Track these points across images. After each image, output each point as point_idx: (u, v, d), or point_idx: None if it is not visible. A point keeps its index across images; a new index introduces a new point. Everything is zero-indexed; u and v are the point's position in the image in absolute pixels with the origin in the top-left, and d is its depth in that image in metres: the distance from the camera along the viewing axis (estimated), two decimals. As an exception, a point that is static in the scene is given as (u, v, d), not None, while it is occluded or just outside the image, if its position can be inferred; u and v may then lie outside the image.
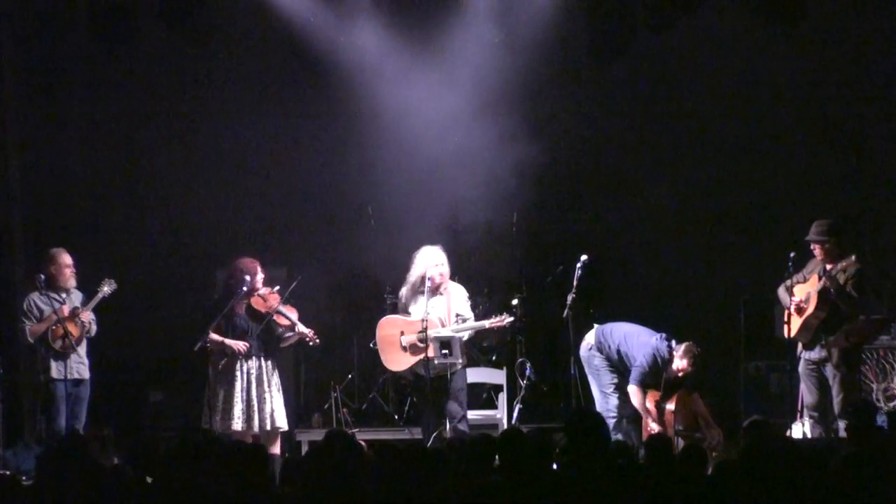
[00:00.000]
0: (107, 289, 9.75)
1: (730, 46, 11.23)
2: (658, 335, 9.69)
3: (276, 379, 9.72)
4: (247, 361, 9.61)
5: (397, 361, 9.84)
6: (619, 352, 9.75)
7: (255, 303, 9.68)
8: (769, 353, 11.13)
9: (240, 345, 9.57)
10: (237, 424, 9.51)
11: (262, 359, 9.66)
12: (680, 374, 9.70)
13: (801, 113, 11.49)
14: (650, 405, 9.60)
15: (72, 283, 9.83)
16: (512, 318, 9.88)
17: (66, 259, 9.82)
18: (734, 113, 11.62)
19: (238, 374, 9.58)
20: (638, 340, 9.73)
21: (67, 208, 11.55)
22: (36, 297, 9.75)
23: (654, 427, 9.51)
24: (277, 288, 9.84)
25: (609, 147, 11.81)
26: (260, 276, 9.69)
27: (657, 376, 9.70)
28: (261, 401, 9.58)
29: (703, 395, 9.90)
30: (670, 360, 9.64)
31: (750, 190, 11.76)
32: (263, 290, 9.73)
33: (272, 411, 9.59)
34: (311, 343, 9.78)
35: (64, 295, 9.81)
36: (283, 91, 11.77)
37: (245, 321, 9.69)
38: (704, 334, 10.28)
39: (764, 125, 11.64)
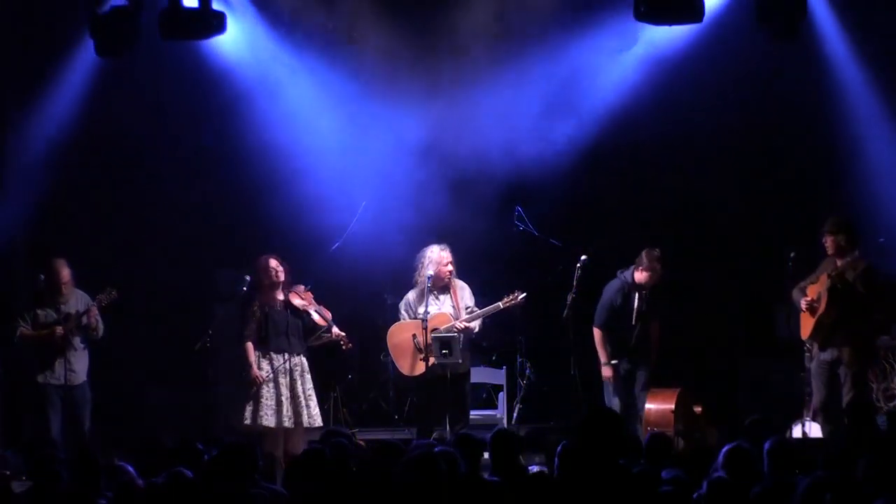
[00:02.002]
0: (104, 297, 9.78)
1: (729, 48, 11.21)
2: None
3: (309, 376, 9.76)
4: (291, 359, 9.62)
5: (415, 365, 9.79)
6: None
7: (293, 298, 9.69)
8: (769, 353, 11.14)
9: (260, 377, 9.56)
10: (287, 422, 9.54)
11: (302, 356, 9.70)
12: (648, 282, 9.86)
13: (801, 112, 11.48)
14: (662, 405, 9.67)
15: (65, 298, 9.86)
16: (525, 294, 9.87)
17: (64, 274, 9.85)
18: (735, 112, 11.62)
19: (283, 371, 9.63)
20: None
21: (68, 209, 11.55)
22: (35, 306, 9.83)
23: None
24: (309, 287, 9.86)
25: (610, 146, 11.80)
26: (273, 270, 9.69)
27: (625, 306, 9.87)
28: (307, 398, 9.63)
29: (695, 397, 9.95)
30: (633, 279, 9.83)
31: (750, 190, 11.76)
32: (298, 287, 9.76)
33: (311, 408, 9.65)
34: (344, 347, 9.79)
35: (61, 303, 9.83)
36: (281, 90, 11.77)
37: (285, 317, 9.71)
38: (705, 334, 10.30)
39: (764, 125, 11.64)
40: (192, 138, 11.59)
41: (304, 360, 9.73)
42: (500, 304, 9.83)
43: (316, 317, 9.71)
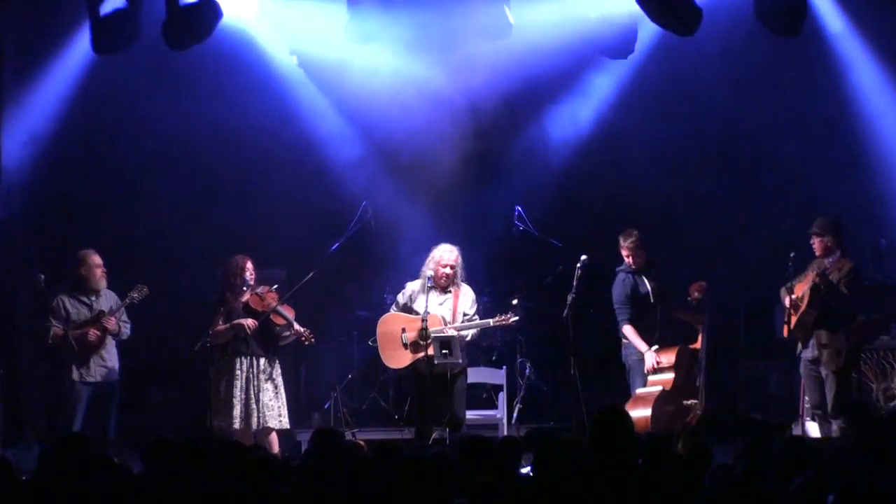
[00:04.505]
0: (135, 294, 9.82)
1: (729, 46, 11.21)
2: None
3: (275, 377, 9.73)
4: (245, 360, 9.66)
5: (397, 358, 9.81)
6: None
7: (252, 301, 9.73)
8: (769, 353, 11.15)
9: (249, 321, 9.63)
10: (237, 423, 9.57)
11: (258, 357, 9.69)
12: (637, 260, 9.98)
13: (802, 111, 11.48)
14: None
15: (103, 283, 9.89)
16: (517, 318, 9.88)
17: (96, 259, 9.88)
18: (735, 113, 11.63)
19: (238, 372, 9.64)
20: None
21: (68, 209, 11.55)
22: (65, 299, 9.81)
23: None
24: (276, 287, 9.89)
25: (611, 146, 11.82)
26: (249, 274, 9.72)
27: (634, 297, 9.95)
28: (257, 399, 9.61)
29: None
30: (627, 266, 9.99)
31: (750, 190, 11.77)
32: (262, 289, 9.78)
33: (266, 409, 9.61)
34: (306, 343, 9.80)
35: (93, 297, 9.84)
36: (281, 90, 11.78)
37: (242, 319, 9.72)
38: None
39: (764, 125, 11.64)
40: (191, 137, 11.57)
41: (269, 362, 9.73)
42: (490, 321, 9.81)
43: (279, 318, 9.70)
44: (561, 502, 5.37)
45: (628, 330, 9.97)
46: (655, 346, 9.88)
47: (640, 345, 9.91)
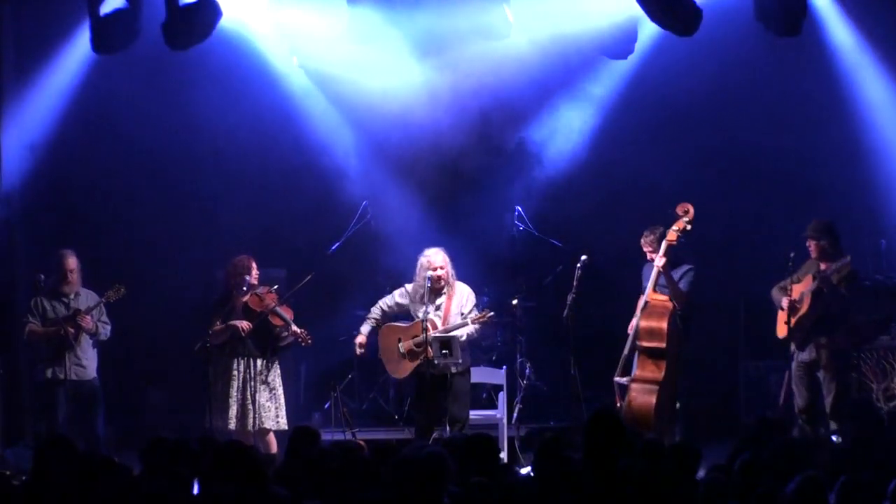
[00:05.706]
0: (112, 294, 9.80)
1: (730, 46, 11.21)
2: None
3: (272, 378, 9.73)
4: (242, 361, 9.66)
5: (399, 369, 9.87)
6: None
7: (251, 302, 9.73)
8: (769, 353, 11.13)
9: (243, 323, 9.64)
10: (232, 423, 9.57)
11: (255, 358, 9.70)
12: (651, 254, 9.81)
13: (802, 111, 11.48)
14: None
15: (72, 287, 9.86)
16: (493, 314, 9.86)
17: (70, 263, 9.85)
18: (734, 113, 11.62)
19: (235, 373, 9.65)
20: None
21: (68, 208, 11.55)
22: (44, 297, 9.83)
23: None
24: (276, 287, 9.89)
25: (611, 145, 11.81)
26: (254, 274, 9.73)
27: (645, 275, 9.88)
28: (253, 400, 9.62)
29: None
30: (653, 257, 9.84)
31: (749, 190, 11.76)
32: (261, 289, 9.78)
33: (262, 410, 9.62)
34: (303, 344, 9.80)
35: (72, 297, 9.85)
36: (282, 90, 11.79)
37: (240, 319, 9.72)
38: (705, 334, 10.29)
39: (763, 126, 11.64)
40: (191, 136, 11.57)
41: (266, 364, 9.72)
42: (468, 320, 9.74)
43: (277, 319, 9.71)
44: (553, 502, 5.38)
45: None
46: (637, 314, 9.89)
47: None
